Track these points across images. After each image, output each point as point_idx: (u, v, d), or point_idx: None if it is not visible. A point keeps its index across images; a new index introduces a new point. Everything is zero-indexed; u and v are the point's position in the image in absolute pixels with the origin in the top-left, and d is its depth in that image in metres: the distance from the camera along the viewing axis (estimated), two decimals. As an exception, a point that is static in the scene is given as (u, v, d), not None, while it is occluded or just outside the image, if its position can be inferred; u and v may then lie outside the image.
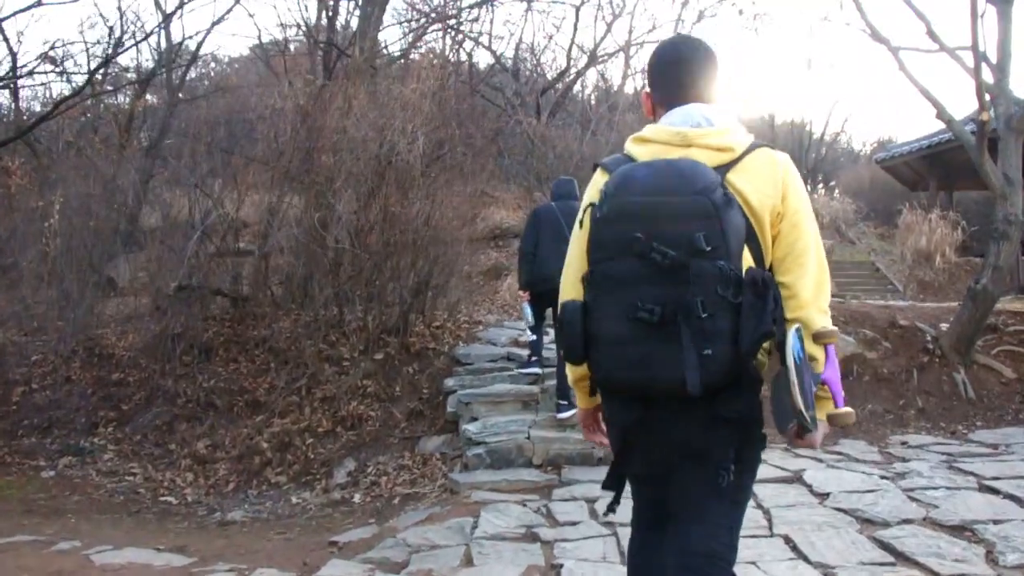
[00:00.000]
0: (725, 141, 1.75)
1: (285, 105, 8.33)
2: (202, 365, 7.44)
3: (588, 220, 1.76)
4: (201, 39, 15.48)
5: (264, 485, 6.24)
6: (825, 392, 1.68)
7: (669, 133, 1.79)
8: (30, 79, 13.15)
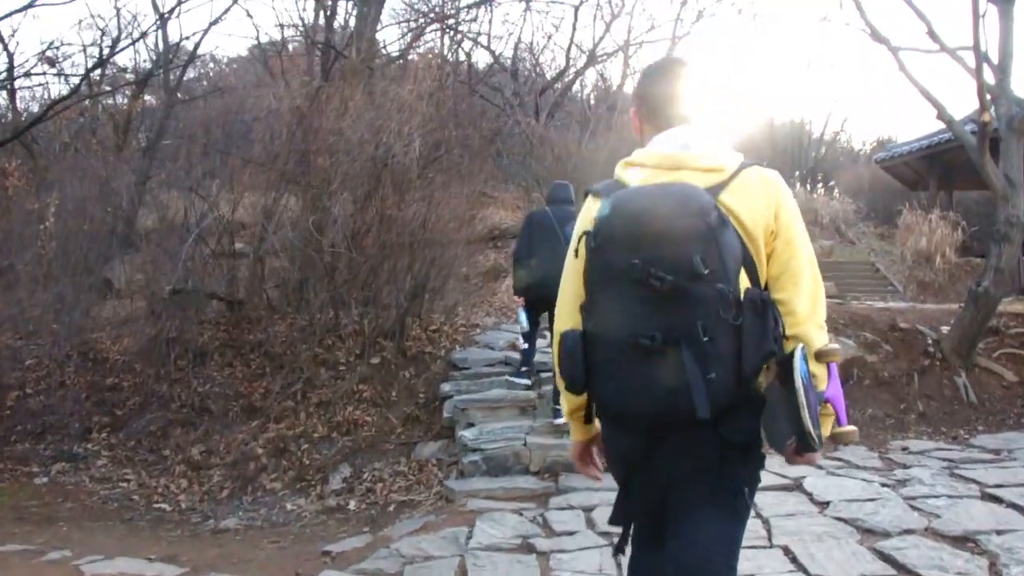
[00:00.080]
0: (715, 162, 1.74)
1: (280, 107, 8.26)
2: (197, 370, 7.37)
3: (583, 248, 1.73)
4: (198, 39, 15.36)
5: (259, 491, 6.17)
6: (828, 410, 1.66)
7: (659, 156, 1.78)
8: (26, 80, 13.13)
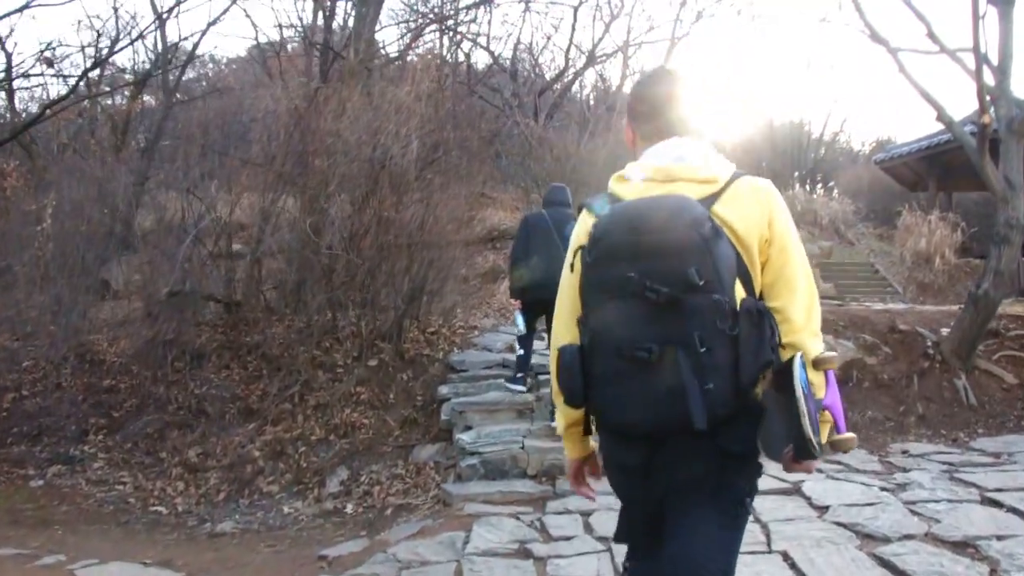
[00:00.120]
0: (708, 173, 1.75)
1: (278, 108, 8.23)
2: (194, 372, 7.33)
3: (579, 263, 1.75)
4: (197, 40, 15.31)
5: (256, 494, 6.14)
6: (826, 417, 1.66)
7: (652, 169, 1.79)
8: (25, 80, 13.10)
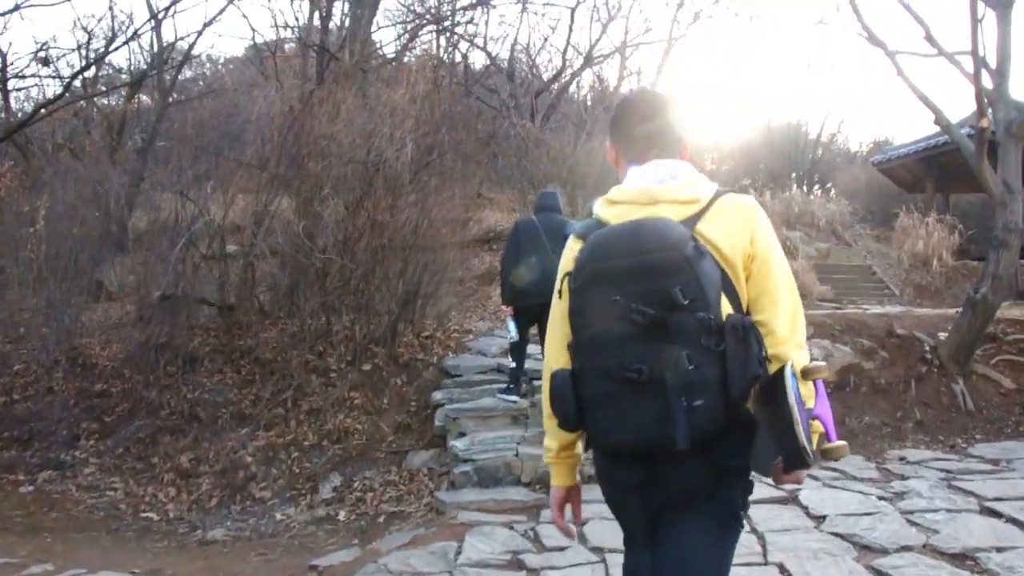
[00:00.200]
0: (690, 194, 1.77)
1: (272, 110, 8.17)
2: (187, 376, 7.27)
3: (566, 289, 1.78)
4: (193, 40, 15.24)
5: (248, 500, 6.08)
6: (817, 427, 1.66)
7: (634, 192, 1.81)
8: (19, 80, 13.05)
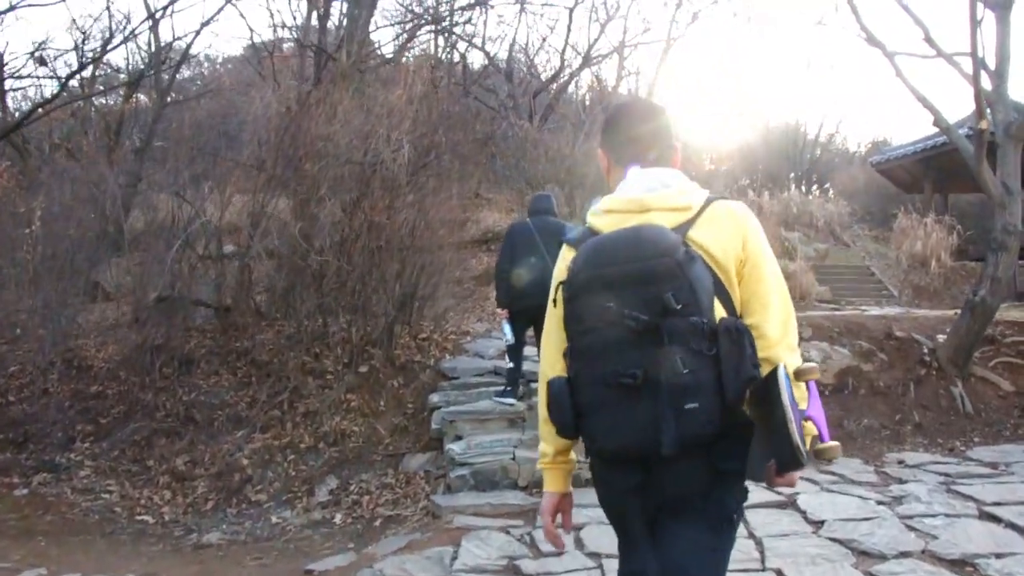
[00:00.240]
0: (682, 201, 1.79)
1: (269, 111, 8.13)
2: (183, 378, 7.24)
3: (560, 298, 1.79)
4: (190, 40, 15.15)
5: (244, 503, 6.05)
6: (810, 428, 1.66)
7: (626, 200, 1.83)
8: (16, 80, 13.01)
